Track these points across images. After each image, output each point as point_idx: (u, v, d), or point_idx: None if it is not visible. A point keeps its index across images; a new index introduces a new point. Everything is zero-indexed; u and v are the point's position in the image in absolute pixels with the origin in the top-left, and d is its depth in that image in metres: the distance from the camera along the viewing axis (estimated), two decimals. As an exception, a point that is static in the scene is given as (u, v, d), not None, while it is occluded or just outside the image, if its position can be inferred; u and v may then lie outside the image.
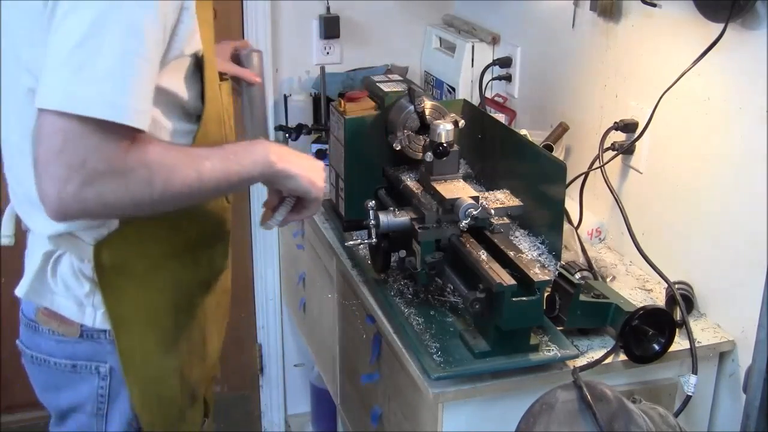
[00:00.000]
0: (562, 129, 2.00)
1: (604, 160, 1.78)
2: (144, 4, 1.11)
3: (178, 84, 1.27)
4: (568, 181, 1.70)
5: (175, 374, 1.44)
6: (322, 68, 2.42)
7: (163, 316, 1.40)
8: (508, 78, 2.34)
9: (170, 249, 1.38)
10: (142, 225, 1.31)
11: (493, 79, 2.38)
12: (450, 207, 1.51)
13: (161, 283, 1.38)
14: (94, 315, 1.36)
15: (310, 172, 1.34)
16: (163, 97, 1.23)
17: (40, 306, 1.38)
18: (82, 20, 1.08)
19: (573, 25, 1.99)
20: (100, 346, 1.38)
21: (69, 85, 1.07)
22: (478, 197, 1.53)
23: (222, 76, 1.42)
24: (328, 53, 2.56)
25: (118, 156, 1.11)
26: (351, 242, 1.66)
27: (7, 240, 1.48)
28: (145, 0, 1.11)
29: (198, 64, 1.29)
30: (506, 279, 1.36)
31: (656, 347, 1.47)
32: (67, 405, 1.44)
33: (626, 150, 1.79)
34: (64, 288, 1.35)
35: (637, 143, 1.77)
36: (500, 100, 2.38)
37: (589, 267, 1.69)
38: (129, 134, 1.12)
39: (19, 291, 1.37)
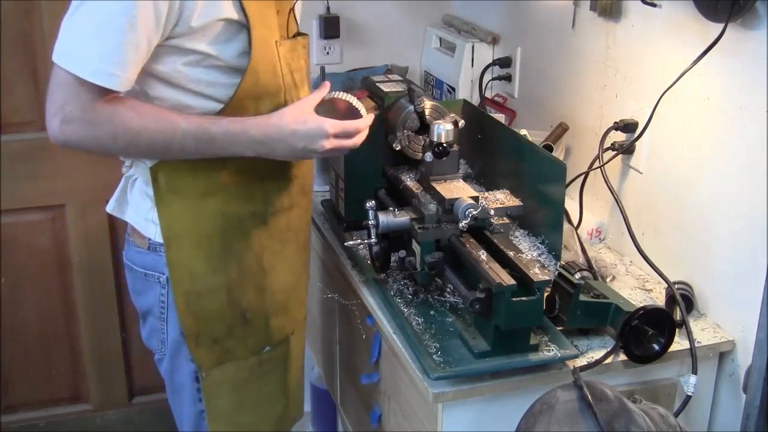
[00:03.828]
0: (562, 129, 2.00)
1: (604, 160, 1.77)
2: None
3: (208, 45, 1.42)
4: (568, 181, 1.70)
5: (222, 292, 1.58)
6: (322, 68, 2.42)
7: (212, 239, 1.55)
8: (508, 78, 2.34)
9: (220, 180, 1.52)
10: None
11: (493, 79, 2.38)
12: (450, 207, 1.51)
13: (211, 209, 1.54)
14: (155, 230, 1.55)
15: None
16: (194, 57, 1.42)
17: (125, 221, 1.63)
18: None
19: (573, 25, 1.99)
20: (160, 258, 1.56)
21: (63, 44, 1.35)
22: (477, 197, 1.53)
23: (297, 34, 1.61)
24: (328, 53, 2.56)
25: (89, 108, 1.35)
26: (351, 242, 1.66)
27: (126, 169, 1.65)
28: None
29: (241, 25, 1.43)
30: (506, 279, 1.36)
31: (656, 347, 1.47)
32: (144, 307, 1.66)
33: (626, 150, 1.79)
34: (135, 205, 1.59)
35: (637, 143, 1.77)
36: (500, 100, 2.38)
37: (589, 267, 1.69)
38: (103, 92, 1.35)
39: (108, 207, 1.64)
